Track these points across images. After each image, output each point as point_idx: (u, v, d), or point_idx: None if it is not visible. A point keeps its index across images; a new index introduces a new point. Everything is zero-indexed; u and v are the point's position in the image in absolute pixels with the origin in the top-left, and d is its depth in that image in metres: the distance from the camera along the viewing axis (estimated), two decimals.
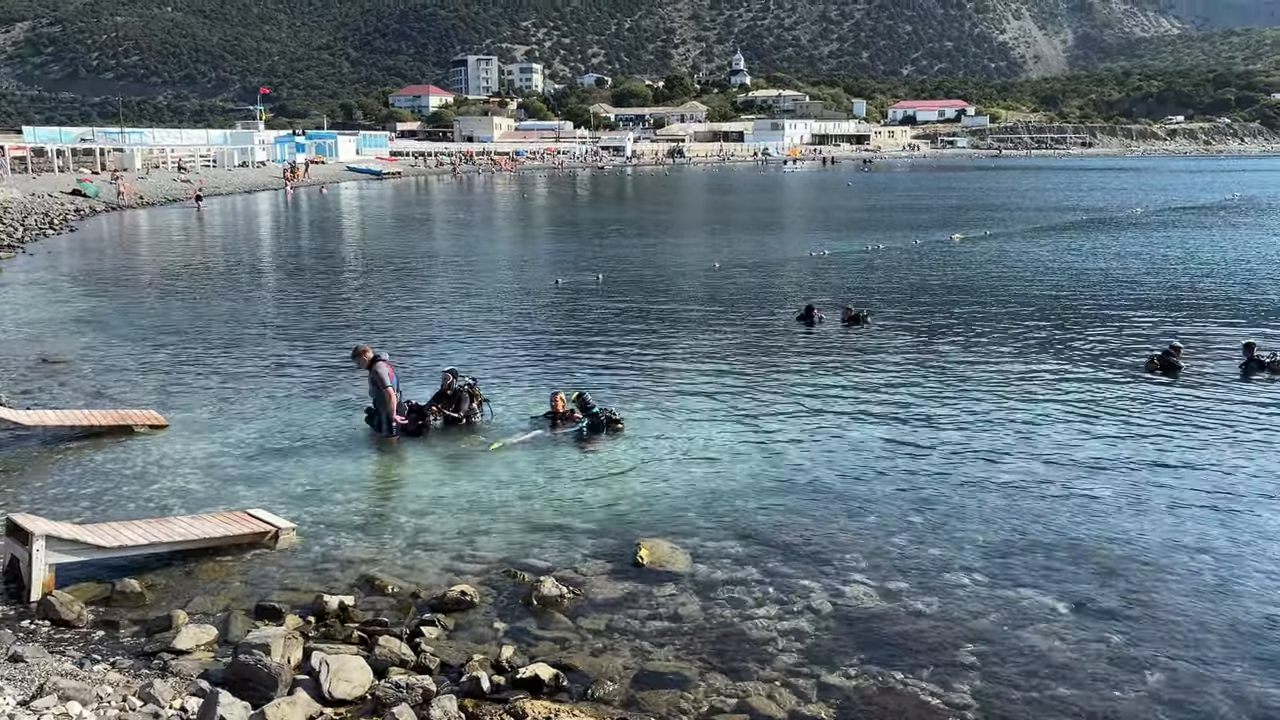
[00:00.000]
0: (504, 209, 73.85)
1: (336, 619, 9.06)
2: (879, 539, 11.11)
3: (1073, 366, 19.45)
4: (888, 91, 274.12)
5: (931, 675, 8.31)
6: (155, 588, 9.76)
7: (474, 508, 12.02)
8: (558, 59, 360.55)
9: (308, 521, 11.45)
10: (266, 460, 13.74)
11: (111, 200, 64.68)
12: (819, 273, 34.02)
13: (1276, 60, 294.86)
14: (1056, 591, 9.79)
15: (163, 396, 17.06)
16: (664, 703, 7.84)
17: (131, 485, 12.74)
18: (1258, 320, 24.41)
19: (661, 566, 10.31)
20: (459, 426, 14.96)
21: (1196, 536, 11.15)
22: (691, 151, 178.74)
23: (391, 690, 7.60)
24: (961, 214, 60.44)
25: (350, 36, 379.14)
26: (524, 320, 24.80)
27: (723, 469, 13.42)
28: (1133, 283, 31.08)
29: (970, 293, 29.12)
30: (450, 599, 9.36)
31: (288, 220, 61.70)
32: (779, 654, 8.64)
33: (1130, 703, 7.93)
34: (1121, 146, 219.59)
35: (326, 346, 21.43)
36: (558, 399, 15.23)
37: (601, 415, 14.79)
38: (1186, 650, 8.69)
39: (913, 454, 14.05)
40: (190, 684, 7.73)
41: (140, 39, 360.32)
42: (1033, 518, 11.70)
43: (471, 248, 43.86)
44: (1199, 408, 16.33)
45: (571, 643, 8.78)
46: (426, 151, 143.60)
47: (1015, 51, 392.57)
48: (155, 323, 24.37)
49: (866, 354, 20.43)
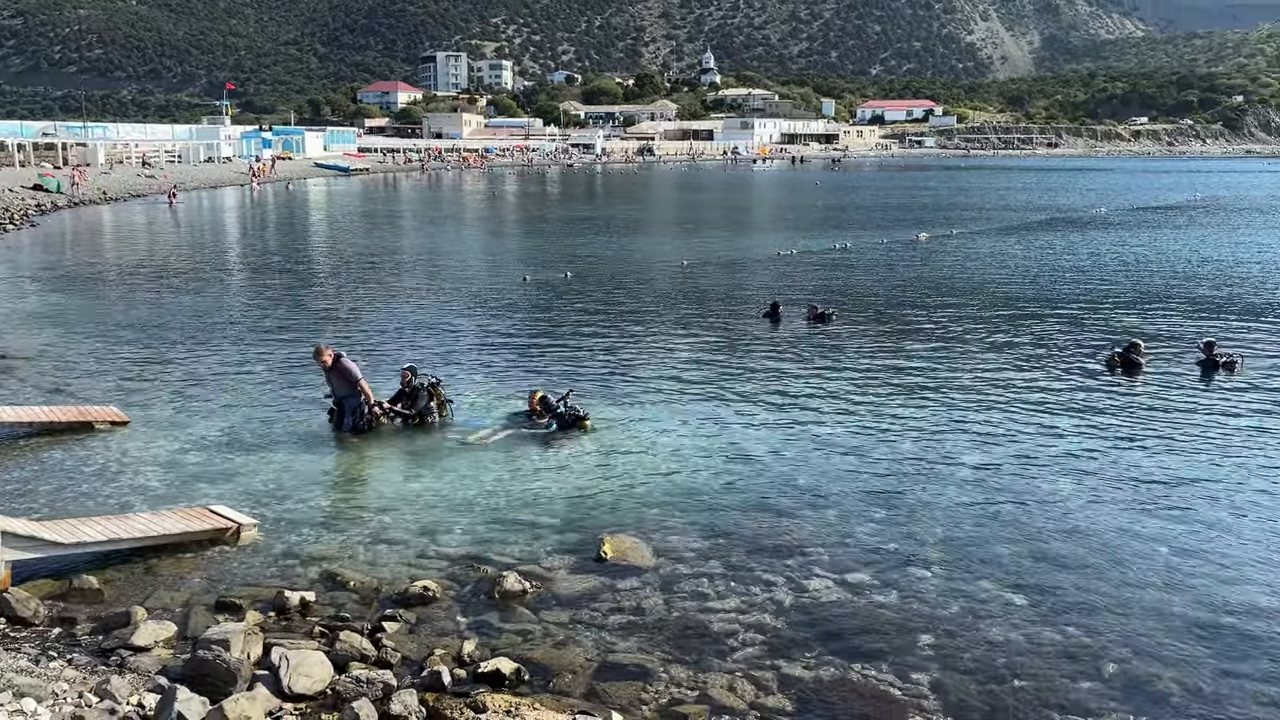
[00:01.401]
0: (473, 206, 73.59)
1: (298, 614, 9.03)
2: (841, 533, 11.20)
3: (1035, 364, 19.67)
4: (856, 91, 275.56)
5: (890, 666, 8.40)
6: (114, 584, 9.68)
7: (438, 504, 12.00)
8: (527, 56, 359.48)
9: (270, 518, 11.39)
10: (229, 457, 13.64)
11: (72, 195, 63.81)
12: (786, 271, 34.17)
13: (1238, 63, 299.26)
14: (1014, 584, 9.91)
15: (124, 393, 16.88)
16: (625, 694, 7.88)
17: (91, 482, 12.62)
18: (1218, 318, 24.77)
19: (625, 561, 10.35)
20: (418, 425, 14.86)
21: (1152, 531, 11.33)
22: (661, 150, 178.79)
23: (352, 685, 7.59)
24: (928, 213, 60.90)
25: (318, 32, 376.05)
26: (490, 317, 24.74)
27: (687, 465, 13.47)
28: (1096, 281, 31.45)
29: (935, 291, 29.36)
30: (413, 594, 9.36)
31: (253, 217, 61.17)
32: (740, 646, 8.70)
33: (1084, 692, 8.05)
34: (1087, 147, 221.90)
35: (291, 343, 21.28)
36: (535, 397, 15.25)
37: (568, 414, 14.80)
38: (1140, 641, 8.83)
39: (875, 450, 14.17)
40: (148, 680, 7.68)
41: (104, 32, 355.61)
42: (992, 512, 11.84)
43: (439, 245, 43.69)
44: (1157, 405, 16.56)
45: (534, 636, 8.80)
46: (395, 148, 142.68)
47: (983, 52, 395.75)
48: (118, 319, 24.11)
49: (831, 351, 20.57)
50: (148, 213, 59.37)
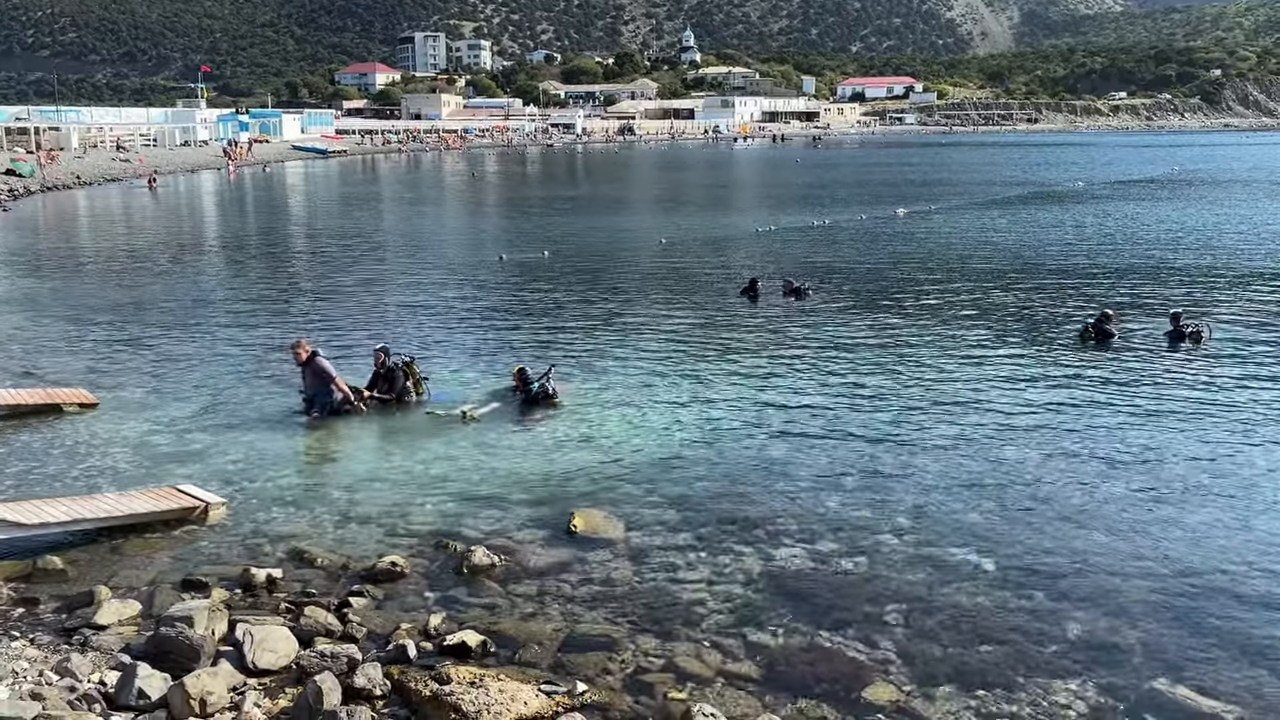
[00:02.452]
0: (452, 187, 73.17)
1: (264, 591, 8.99)
2: (811, 503, 11.22)
3: (1009, 335, 19.74)
4: (837, 68, 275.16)
5: (857, 633, 8.43)
6: (79, 564, 9.61)
7: (409, 481, 11.96)
8: (506, 35, 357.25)
9: (240, 498, 11.32)
10: (199, 437, 13.54)
11: (43, 178, 63.14)
12: (765, 248, 34.14)
13: (1216, 37, 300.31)
14: (982, 551, 9.95)
15: (94, 375, 16.73)
16: (591, 664, 7.87)
17: (59, 464, 12.51)
18: (1190, 288, 24.90)
19: (595, 534, 10.34)
20: (396, 404, 14.81)
21: (1119, 497, 11.40)
22: (642, 129, 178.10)
23: (316, 659, 7.55)
24: (908, 189, 60.92)
25: (295, 13, 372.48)
26: (466, 297, 24.62)
27: (661, 440, 13.46)
28: (1072, 254, 31.54)
29: (911, 266, 29.39)
30: (380, 570, 9.33)
31: (230, 200, 60.65)
32: (708, 615, 8.72)
33: (1049, 655, 8.10)
34: (1066, 122, 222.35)
35: (263, 325, 21.15)
36: (516, 371, 15.25)
37: (538, 391, 14.76)
38: (1106, 606, 8.88)
39: (848, 422, 14.19)
40: (110, 658, 7.63)
41: (77, 15, 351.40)
42: (963, 481, 11.89)
43: (416, 226, 43.45)
44: (1126, 375, 16.65)
45: (501, 609, 8.79)
46: (373, 130, 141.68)
47: (963, 28, 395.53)
48: (89, 302, 23.89)
49: (805, 326, 20.57)
50: (124, 196, 58.82)
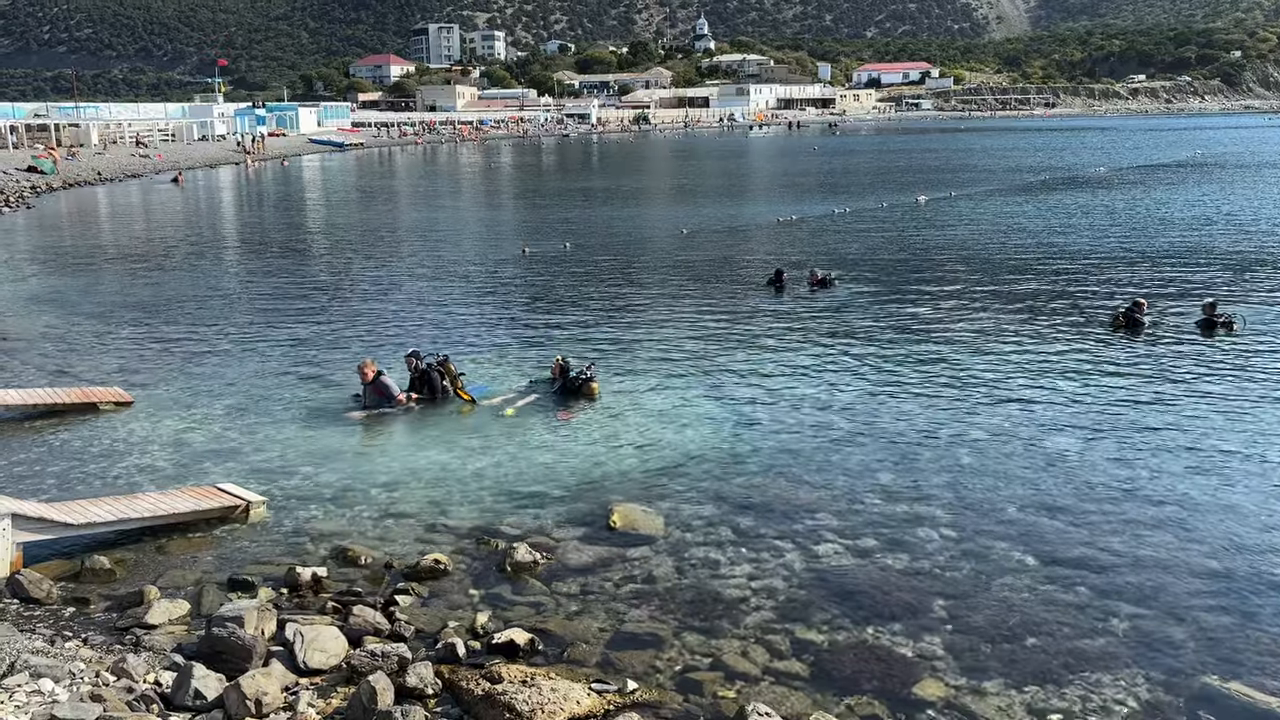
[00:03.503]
0: (469, 179, 73.23)
1: (310, 590, 9.04)
2: (850, 498, 11.21)
3: (1038, 323, 19.63)
4: (852, 54, 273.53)
5: (903, 628, 8.42)
6: (125, 564, 9.69)
7: (447, 477, 12.00)
8: (520, 26, 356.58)
9: (278, 495, 11.38)
10: (235, 435, 13.63)
11: (69, 176, 63.52)
12: (786, 237, 34.05)
13: (1235, 18, 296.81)
14: (1024, 545, 9.92)
15: (127, 374, 16.85)
16: (639, 662, 7.89)
17: (98, 463, 12.61)
18: (1221, 275, 24.70)
19: (634, 530, 10.36)
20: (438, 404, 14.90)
21: (1159, 488, 11.34)
22: (657, 118, 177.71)
23: (367, 659, 7.59)
24: (927, 176, 60.60)
25: (309, 6, 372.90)
26: (491, 291, 24.66)
27: (694, 433, 13.46)
28: (1097, 240, 31.33)
29: (935, 254, 29.26)
30: (424, 567, 9.37)
31: (250, 194, 60.88)
32: (752, 612, 8.72)
33: (1097, 650, 8.07)
34: (1085, 106, 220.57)
35: (291, 321, 21.24)
36: (558, 363, 15.36)
37: (575, 379, 14.83)
38: (1154, 599, 8.84)
39: (881, 413, 14.16)
40: (164, 658, 7.70)
41: (93, 11, 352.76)
42: (1000, 472, 11.84)
43: (437, 219, 43.51)
44: (1160, 364, 16.54)
45: (546, 607, 8.81)
46: (389, 122, 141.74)
47: (978, 12, 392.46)
48: (118, 299, 24.04)
49: (834, 317, 20.52)
50: (145, 193, 59.11)
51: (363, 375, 14.78)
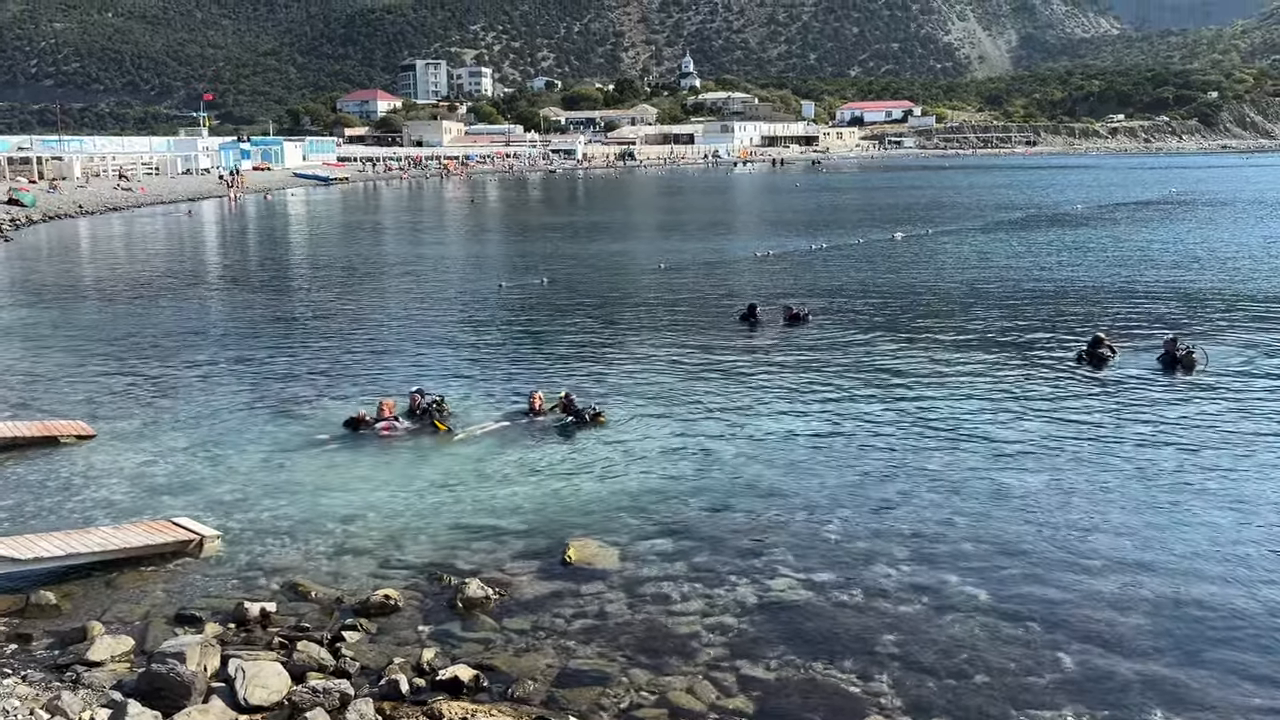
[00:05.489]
0: (453, 214, 73.36)
1: (258, 625, 8.98)
2: (808, 533, 11.21)
3: (1005, 360, 19.73)
4: (835, 93, 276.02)
5: (852, 665, 8.41)
6: (73, 599, 9.60)
7: (405, 511, 11.95)
8: (507, 63, 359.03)
9: (235, 529, 11.32)
10: (196, 469, 13.56)
11: (49, 209, 63.35)
12: (764, 273, 34.20)
13: (1212, 59, 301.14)
14: (978, 581, 9.93)
15: (92, 407, 16.76)
16: (585, 700, 7.85)
17: (54, 497, 12.51)
18: (1185, 311, 24.91)
19: (590, 565, 10.33)
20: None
21: (1113, 524, 11.38)
22: (642, 154, 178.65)
23: (308, 695, 7.54)
24: (906, 212, 60.99)
25: (296, 42, 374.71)
26: (463, 326, 24.65)
27: (658, 467, 13.46)
28: (1068, 277, 31.56)
29: (908, 290, 29.43)
30: (374, 603, 9.31)
31: (231, 229, 60.83)
32: (702, 648, 8.69)
33: (1044, 687, 8.07)
34: (1065, 145, 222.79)
35: (264, 355, 21.18)
36: (536, 397, 15.58)
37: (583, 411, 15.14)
38: (1102, 636, 8.86)
39: (846, 450, 14.19)
40: (102, 695, 7.61)
41: (80, 45, 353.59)
42: (959, 509, 11.87)
43: (415, 254, 43.53)
44: (1120, 400, 16.62)
45: (495, 643, 8.76)
46: (375, 157, 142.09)
47: (960, 52, 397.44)
48: (89, 334, 23.93)
49: (806, 352, 20.58)
50: (126, 225, 59.00)
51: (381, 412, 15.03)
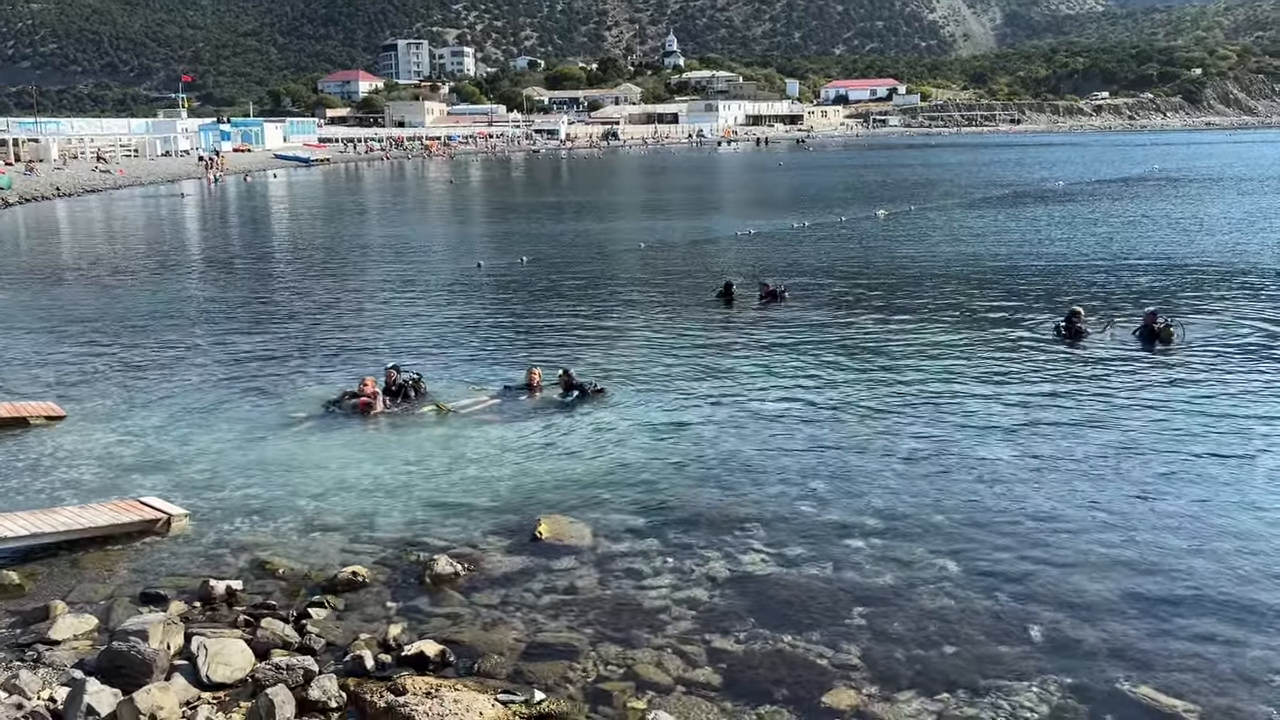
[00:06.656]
0: (435, 194, 73.00)
1: (223, 603, 8.90)
2: (781, 507, 11.18)
3: (983, 335, 19.73)
4: (820, 71, 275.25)
5: (821, 637, 8.38)
6: (37, 578, 9.50)
7: (377, 488, 11.88)
8: (489, 42, 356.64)
9: (204, 508, 11.22)
10: (167, 449, 13.43)
11: (26, 192, 62.74)
12: (746, 251, 34.13)
13: (1196, 36, 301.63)
14: (949, 553, 9.92)
15: (63, 388, 16.60)
16: (551, 674, 7.80)
17: (22, 477, 12.38)
18: (1164, 284, 24.96)
19: (561, 540, 10.28)
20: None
21: (1085, 496, 11.38)
22: (626, 134, 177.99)
23: (271, 672, 7.46)
24: (889, 190, 60.99)
25: (277, 22, 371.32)
26: (441, 305, 24.49)
27: (631, 445, 13.39)
28: (1049, 253, 31.59)
29: (888, 267, 29.40)
30: (341, 580, 9.24)
31: (210, 211, 60.36)
32: (672, 622, 8.66)
33: (1013, 656, 8.06)
34: (1049, 123, 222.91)
35: (238, 335, 21.02)
36: (534, 373, 15.64)
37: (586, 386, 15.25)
38: (1071, 606, 8.85)
39: (820, 425, 14.16)
40: (62, 674, 7.53)
41: (58, 26, 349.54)
42: (932, 483, 11.86)
43: (398, 234, 43.29)
44: (1096, 373, 16.64)
45: (463, 618, 8.71)
46: (357, 138, 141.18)
47: (945, 30, 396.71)
48: (61, 315, 23.70)
49: (781, 329, 20.52)
50: (104, 208, 58.50)
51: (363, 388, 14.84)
